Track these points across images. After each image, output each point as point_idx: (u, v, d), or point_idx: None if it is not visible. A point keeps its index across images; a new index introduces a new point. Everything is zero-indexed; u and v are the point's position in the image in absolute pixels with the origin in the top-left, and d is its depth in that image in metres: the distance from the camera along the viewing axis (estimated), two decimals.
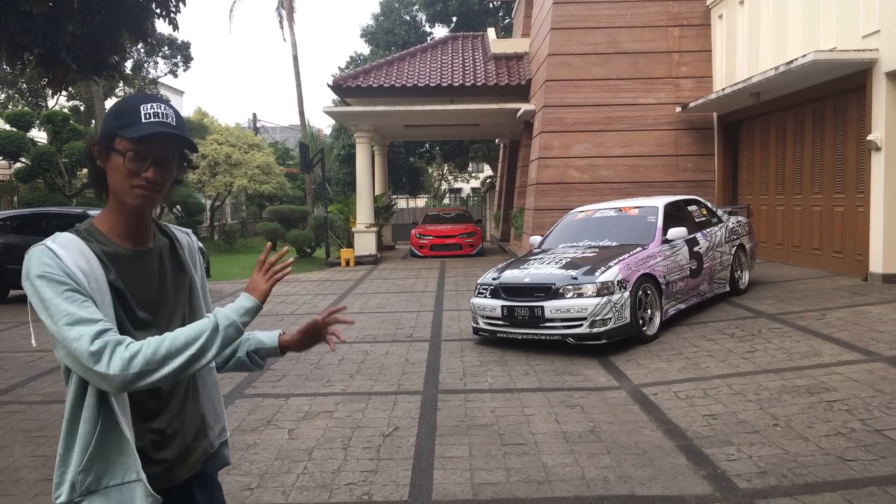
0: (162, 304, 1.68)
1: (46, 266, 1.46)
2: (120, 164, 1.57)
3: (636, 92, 14.54)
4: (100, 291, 1.52)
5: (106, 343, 1.42)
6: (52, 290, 1.44)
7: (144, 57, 29.50)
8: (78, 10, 7.84)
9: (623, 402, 5.25)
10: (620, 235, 8.16)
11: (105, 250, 1.58)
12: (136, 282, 1.62)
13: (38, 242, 1.51)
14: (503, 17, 30.80)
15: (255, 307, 1.62)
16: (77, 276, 1.48)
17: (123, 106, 1.60)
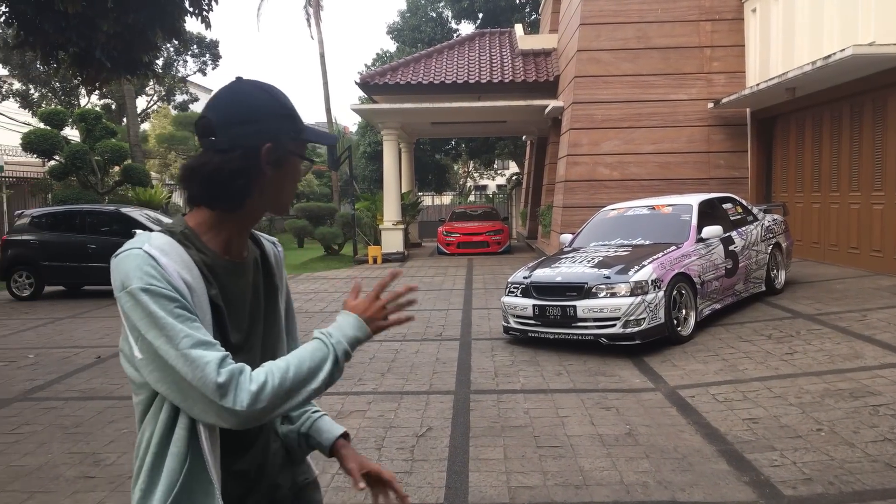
0: (255, 326, 1.45)
1: (150, 277, 1.24)
2: (298, 170, 1.44)
3: (667, 88, 14.33)
4: (201, 309, 1.29)
5: (232, 373, 1.22)
6: (162, 306, 1.22)
7: (174, 55, 29.82)
8: (112, 9, 7.92)
9: (659, 404, 5.15)
10: (654, 234, 8.03)
11: (204, 260, 1.35)
12: (234, 297, 1.40)
13: (131, 244, 1.29)
14: (530, 13, 30.62)
15: (367, 338, 1.40)
16: (182, 289, 1.26)
17: (287, 104, 1.42)
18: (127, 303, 1.23)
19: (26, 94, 29.26)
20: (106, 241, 12.21)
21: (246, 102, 1.36)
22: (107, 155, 17.80)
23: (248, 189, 1.36)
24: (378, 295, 1.43)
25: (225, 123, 1.34)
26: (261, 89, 1.39)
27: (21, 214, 13.19)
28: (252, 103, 1.36)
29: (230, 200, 1.36)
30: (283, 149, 1.38)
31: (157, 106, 33.66)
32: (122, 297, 1.24)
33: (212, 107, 1.37)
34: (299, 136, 1.40)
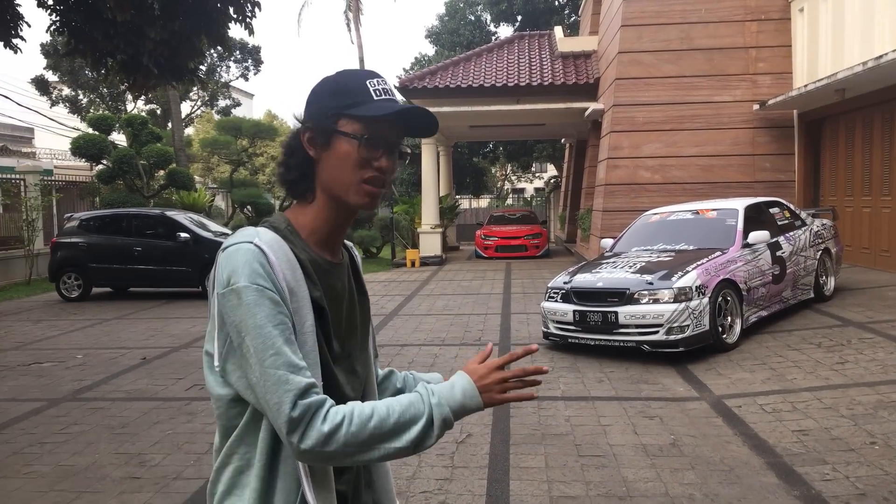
0: (352, 333, 1.37)
1: (259, 274, 1.16)
2: (350, 151, 1.26)
3: (711, 89, 14.07)
4: (301, 313, 1.20)
5: (308, 408, 1.12)
6: (265, 310, 1.14)
7: (218, 61, 30.37)
8: (159, 17, 8.09)
9: (705, 414, 5.04)
10: (698, 239, 7.87)
11: (309, 258, 1.27)
12: (332, 302, 1.30)
13: (240, 237, 1.21)
14: (569, 14, 30.41)
15: (477, 410, 1.26)
16: (285, 293, 1.18)
17: (346, 81, 1.30)
18: (231, 301, 1.16)
19: (75, 99, 30.12)
20: (151, 244, 12.47)
21: (313, 89, 1.33)
22: (152, 159, 18.20)
23: (304, 175, 1.31)
24: (503, 365, 1.29)
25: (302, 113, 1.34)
26: (337, 73, 1.34)
27: (70, 217, 13.55)
28: (314, 89, 1.33)
29: (297, 188, 1.32)
30: (324, 128, 1.28)
31: (201, 111, 34.33)
32: (228, 295, 1.16)
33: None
34: (347, 111, 1.27)
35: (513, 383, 1.28)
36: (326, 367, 1.25)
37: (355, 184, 1.27)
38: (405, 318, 9.58)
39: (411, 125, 1.34)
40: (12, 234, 15.33)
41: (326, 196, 1.30)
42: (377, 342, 1.29)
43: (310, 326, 1.21)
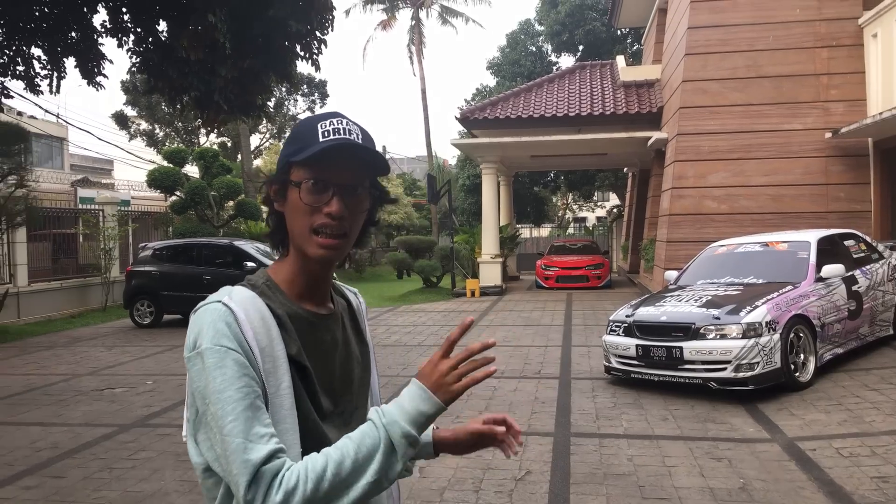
0: (347, 387, 1.29)
1: (224, 335, 1.10)
2: (297, 199, 1.20)
3: (780, 117, 13.68)
4: (276, 374, 1.13)
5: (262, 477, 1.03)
6: (228, 372, 1.07)
7: (286, 95, 31.39)
8: (230, 56, 8.43)
9: (776, 457, 4.81)
10: (767, 272, 7.60)
11: (287, 313, 1.20)
12: (319, 357, 1.24)
13: (212, 297, 1.16)
14: (632, 44, 30.23)
15: (438, 411, 1.14)
16: (254, 354, 1.11)
17: (300, 128, 1.24)
18: (196, 365, 1.10)
19: (152, 133, 31.58)
20: (219, 273, 12.85)
21: None
22: (223, 190, 18.84)
23: (279, 230, 1.26)
24: (445, 354, 1.18)
25: None
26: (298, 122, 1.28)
27: (144, 247, 14.12)
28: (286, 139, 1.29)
29: (273, 242, 1.29)
30: (279, 180, 1.23)
31: (269, 143, 35.46)
32: (193, 358, 1.11)
33: None
34: (291, 158, 1.21)
35: (464, 367, 1.15)
36: (313, 425, 1.18)
37: (307, 234, 1.20)
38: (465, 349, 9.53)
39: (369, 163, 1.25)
40: (90, 262, 16.06)
41: (293, 248, 1.25)
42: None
43: (286, 387, 1.14)
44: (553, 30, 29.66)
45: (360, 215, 1.25)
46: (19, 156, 12.76)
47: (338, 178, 1.20)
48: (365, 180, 1.25)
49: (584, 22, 28.92)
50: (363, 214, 1.27)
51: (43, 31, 8.94)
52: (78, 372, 8.82)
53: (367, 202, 1.26)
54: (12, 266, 13.71)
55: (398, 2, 35.29)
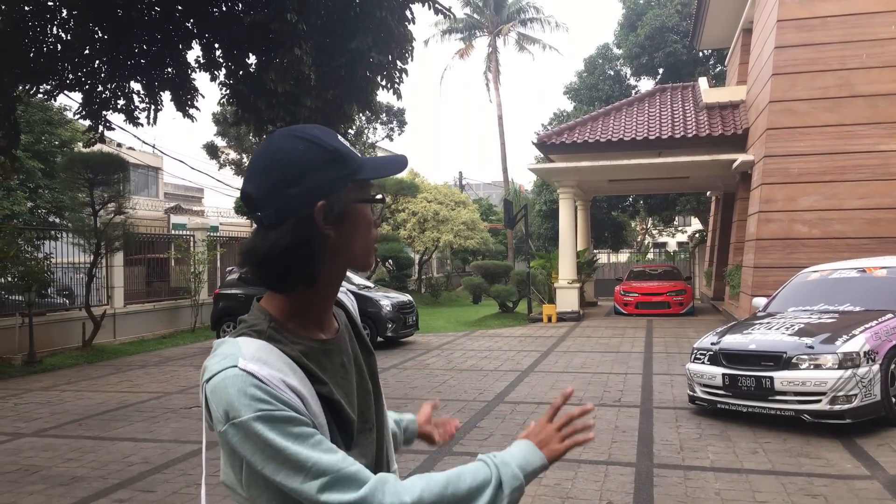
0: (367, 401, 1.26)
1: (259, 402, 1.02)
2: (367, 214, 1.20)
3: (876, 137, 13.02)
4: (314, 414, 1.09)
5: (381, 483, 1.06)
6: (282, 432, 1.02)
7: (365, 124, 32.20)
8: (315, 87, 8.75)
9: (877, 494, 4.51)
10: (865, 300, 7.19)
11: (303, 352, 1.14)
12: (339, 383, 1.19)
13: (221, 363, 1.06)
14: (714, 65, 29.53)
15: (542, 467, 1.21)
16: (295, 402, 1.06)
17: (337, 146, 1.17)
18: (235, 436, 1.03)
19: (240, 162, 32.94)
20: None
21: (284, 161, 1.13)
22: None
23: (314, 260, 1.14)
24: (551, 418, 1.28)
25: (266, 193, 1.13)
26: (296, 137, 1.16)
27: (231, 271, 14.68)
28: (290, 159, 1.13)
29: (300, 279, 1.14)
30: (341, 201, 1.15)
31: None
32: (229, 431, 1.03)
33: (249, 176, 1.16)
34: (355, 177, 1.17)
35: (568, 430, 1.25)
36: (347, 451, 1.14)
37: (371, 246, 1.22)
38: (541, 375, 9.42)
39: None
40: (181, 285, 16.82)
41: (329, 275, 1.18)
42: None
43: (323, 424, 1.11)
44: (632, 53, 29.33)
45: None
46: (118, 184, 13.56)
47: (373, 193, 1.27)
48: None
49: (664, 44, 28.48)
50: None
51: (142, 66, 9.52)
52: (168, 390, 9.20)
53: None
54: (110, 288, 14.51)
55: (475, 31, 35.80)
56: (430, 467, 5.36)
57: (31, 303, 11.67)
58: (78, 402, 8.51)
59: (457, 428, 1.76)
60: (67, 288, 14.46)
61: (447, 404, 7.71)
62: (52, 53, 9.10)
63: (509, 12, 35.39)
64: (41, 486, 5.20)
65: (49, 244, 13.73)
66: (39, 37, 9.04)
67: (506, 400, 7.88)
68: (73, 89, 9.70)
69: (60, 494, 5.02)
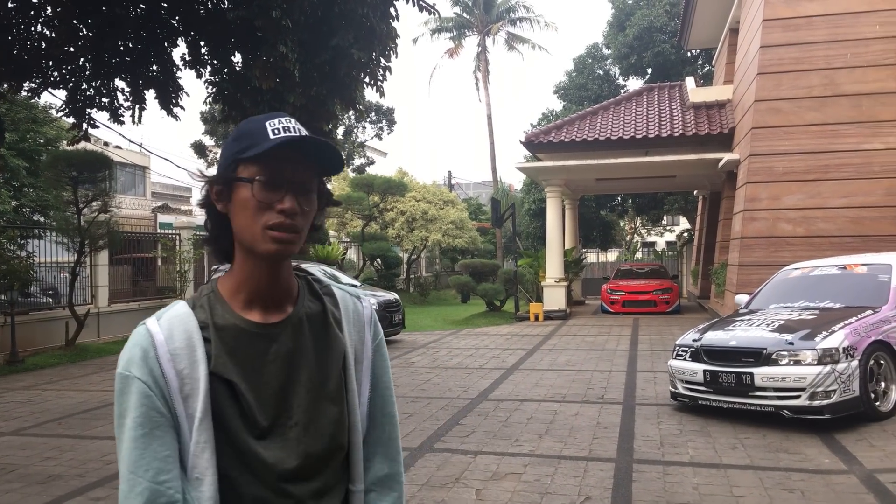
0: (291, 401, 1.19)
1: (133, 362, 1.11)
2: (248, 196, 1.15)
3: (860, 137, 13.11)
4: (196, 396, 1.11)
5: None
6: (128, 400, 1.10)
7: (354, 123, 32.15)
8: (299, 84, 8.72)
9: (853, 489, 4.54)
10: (845, 296, 7.24)
11: (220, 325, 1.17)
12: (259, 369, 1.17)
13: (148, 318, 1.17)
14: (702, 65, 29.67)
15: None
16: (166, 378, 1.11)
17: (246, 126, 1.19)
18: (116, 385, 1.14)
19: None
20: None
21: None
22: None
23: (220, 237, 1.22)
24: None
25: None
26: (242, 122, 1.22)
27: (217, 269, 14.60)
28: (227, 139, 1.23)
29: (216, 249, 1.24)
30: (222, 179, 1.18)
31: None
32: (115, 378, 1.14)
33: None
34: (240, 156, 1.16)
35: None
36: (244, 444, 1.13)
37: (259, 232, 1.15)
38: (525, 373, 9.43)
39: (323, 162, 1.21)
40: (167, 284, 16.72)
41: (243, 251, 1.19)
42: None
43: (204, 411, 1.11)
44: (621, 53, 29.42)
45: (310, 214, 1.21)
46: (103, 182, 13.45)
47: (291, 175, 1.16)
48: (315, 180, 1.21)
49: (652, 44, 28.58)
50: (313, 213, 1.22)
51: (126, 64, 9.45)
52: None
53: (316, 202, 1.22)
54: (94, 287, 14.40)
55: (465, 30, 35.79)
56: (412, 464, 5.36)
57: (13, 302, 11.57)
58: (59, 401, 8.45)
59: None
60: (52, 287, 14.34)
61: (430, 401, 7.70)
62: (36, 51, 9.02)
63: (499, 11, 35.41)
64: (18, 485, 5.15)
65: (33, 243, 13.62)
66: (23, 34, 8.97)
67: (489, 397, 7.88)
68: (57, 87, 9.62)
69: (37, 493, 4.98)
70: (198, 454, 1.10)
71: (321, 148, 1.18)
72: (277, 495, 1.14)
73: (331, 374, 1.23)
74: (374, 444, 1.32)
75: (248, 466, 1.13)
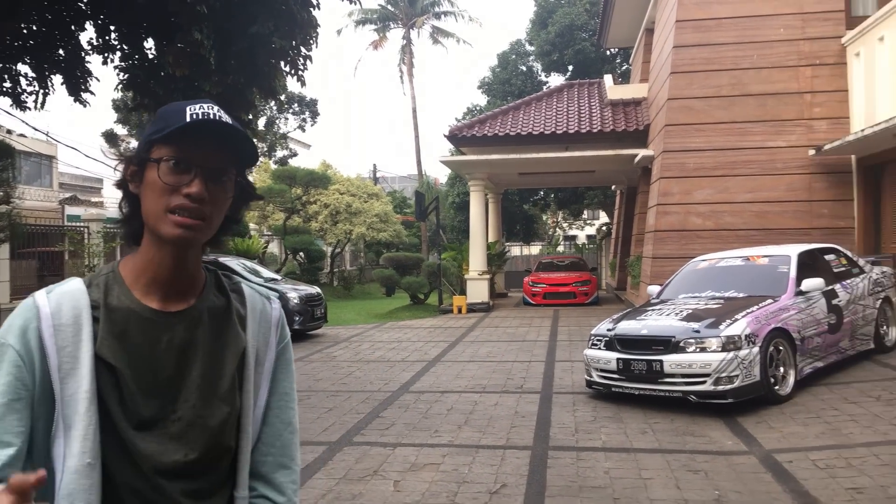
0: (180, 394, 1.15)
1: (11, 331, 1.09)
2: (156, 177, 1.12)
3: (764, 135, 13.81)
4: (75, 376, 1.09)
5: None
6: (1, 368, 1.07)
7: (276, 113, 31.49)
8: (214, 72, 8.46)
9: (753, 468, 4.79)
10: (748, 286, 7.62)
11: (113, 306, 1.14)
12: (147, 357, 1.13)
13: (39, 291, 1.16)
14: (620, 63, 30.56)
15: None
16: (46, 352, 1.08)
17: (165, 109, 1.17)
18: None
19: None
20: None
21: None
22: None
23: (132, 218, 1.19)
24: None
25: None
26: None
27: None
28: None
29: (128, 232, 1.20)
30: (135, 159, 1.16)
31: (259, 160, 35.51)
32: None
33: None
34: (154, 136, 1.13)
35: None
36: (122, 433, 1.10)
37: (162, 213, 1.12)
38: (447, 365, 9.51)
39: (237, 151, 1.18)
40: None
41: (149, 235, 1.17)
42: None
43: (85, 391, 1.08)
44: (543, 50, 29.95)
45: (221, 203, 1.17)
46: (5, 172, 12.69)
47: (202, 159, 1.13)
48: (231, 168, 1.18)
49: (573, 42, 29.22)
50: (225, 204, 1.18)
51: (30, 48, 8.94)
52: None
53: (230, 191, 1.19)
54: None
55: (389, 22, 35.61)
56: (329, 458, 5.32)
57: None
58: None
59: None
60: None
61: (351, 395, 7.66)
62: None
63: (423, 4, 35.41)
64: None
65: None
66: None
67: (410, 390, 7.90)
68: None
69: None
70: (88, 437, 1.07)
71: (238, 136, 1.15)
72: (152, 489, 1.11)
73: (225, 372, 1.20)
74: (267, 450, 1.28)
75: (125, 456, 1.10)
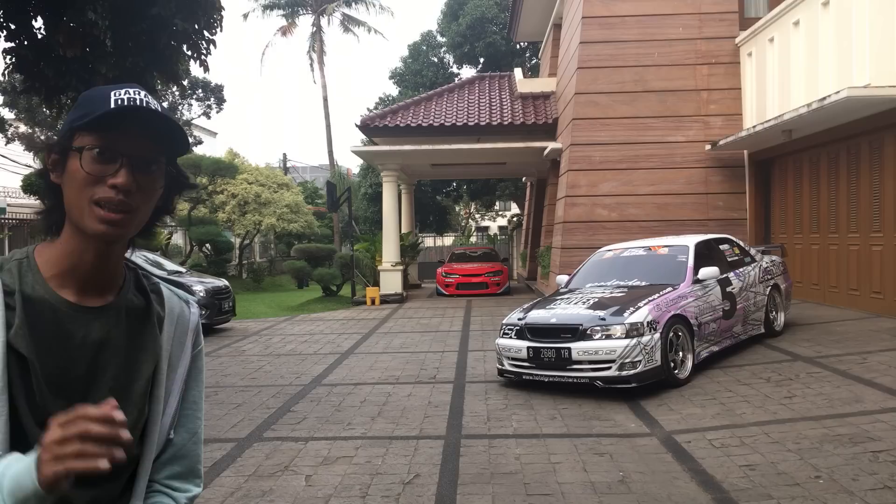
0: (91, 394, 1.09)
1: None
2: (74, 168, 1.07)
3: (665, 130, 14.42)
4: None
5: None
6: None
7: (179, 99, 30.22)
8: (111, 54, 8.02)
9: (654, 450, 5.02)
10: (650, 275, 7.96)
11: (27, 295, 1.08)
12: (59, 353, 1.08)
13: None
14: (530, 57, 31.09)
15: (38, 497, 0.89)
16: None
17: (88, 94, 1.11)
18: None
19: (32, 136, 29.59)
20: None
21: None
22: None
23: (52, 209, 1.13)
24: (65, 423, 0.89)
25: None
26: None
27: None
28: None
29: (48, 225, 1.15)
30: (56, 148, 1.10)
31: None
32: None
33: None
34: (74, 127, 1.08)
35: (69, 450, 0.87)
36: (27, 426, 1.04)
37: (86, 206, 1.07)
38: (360, 357, 9.45)
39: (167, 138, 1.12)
40: None
41: (71, 227, 1.11)
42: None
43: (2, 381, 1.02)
44: (454, 41, 30.08)
45: (151, 194, 1.12)
46: None
47: (128, 147, 1.07)
48: (160, 157, 1.13)
49: (484, 35, 29.50)
50: (155, 194, 1.14)
51: None
52: None
53: (160, 181, 1.14)
54: None
55: (298, 8, 34.80)
56: (238, 455, 5.19)
57: None
58: None
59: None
60: None
61: (261, 390, 7.49)
62: None
63: None
64: None
65: None
66: None
67: (323, 383, 7.81)
68: None
69: None
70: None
71: (168, 124, 1.10)
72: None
73: (140, 375, 1.16)
74: (170, 459, 1.23)
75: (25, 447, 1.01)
